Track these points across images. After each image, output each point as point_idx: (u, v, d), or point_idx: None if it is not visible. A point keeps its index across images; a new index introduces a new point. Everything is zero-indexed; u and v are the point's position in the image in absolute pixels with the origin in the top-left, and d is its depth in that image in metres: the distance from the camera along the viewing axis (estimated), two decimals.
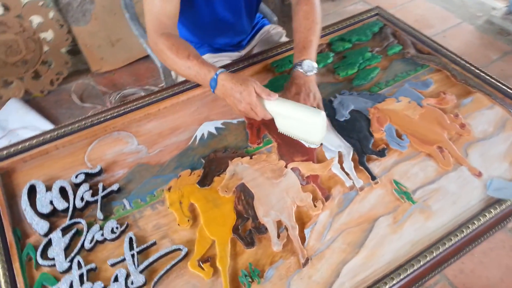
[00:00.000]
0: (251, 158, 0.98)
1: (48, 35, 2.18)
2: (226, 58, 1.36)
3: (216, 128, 1.07)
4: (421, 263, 0.80)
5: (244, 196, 0.91)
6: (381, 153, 1.00)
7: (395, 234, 0.85)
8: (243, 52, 1.42)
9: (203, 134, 1.06)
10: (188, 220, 0.87)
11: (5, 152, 0.98)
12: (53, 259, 0.80)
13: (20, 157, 0.98)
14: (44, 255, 0.81)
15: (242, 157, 0.98)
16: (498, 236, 1.66)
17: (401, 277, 0.79)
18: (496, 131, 1.05)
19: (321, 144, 1.02)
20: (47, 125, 1.99)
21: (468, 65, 1.20)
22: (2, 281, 0.76)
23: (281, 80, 1.18)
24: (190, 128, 1.06)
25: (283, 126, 0.99)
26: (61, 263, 0.80)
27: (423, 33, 1.33)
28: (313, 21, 1.09)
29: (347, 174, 0.96)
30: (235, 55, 1.40)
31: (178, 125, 1.07)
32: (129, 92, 2.23)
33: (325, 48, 1.31)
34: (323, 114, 0.91)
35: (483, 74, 1.17)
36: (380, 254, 0.82)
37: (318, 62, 1.24)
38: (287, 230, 0.85)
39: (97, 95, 2.23)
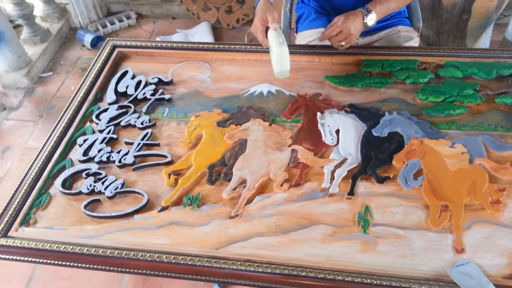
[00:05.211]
0: (270, 125, 1.08)
1: None
2: None
3: (269, 92, 1.19)
4: (310, 275, 0.81)
5: (238, 148, 1.04)
6: (380, 180, 0.96)
7: (322, 243, 0.86)
8: (359, 40, 1.41)
9: (255, 91, 1.20)
10: (189, 143, 1.06)
11: (128, 43, 1.34)
12: (100, 120, 1.13)
13: (136, 51, 1.34)
14: (98, 115, 1.15)
15: (265, 121, 1.09)
16: None
17: (277, 272, 0.82)
18: None
19: (337, 143, 1.03)
20: None
21: None
22: (67, 118, 1.13)
23: (357, 78, 1.18)
24: (251, 82, 1.22)
25: (270, 54, 1.09)
26: (102, 125, 1.12)
27: None
28: None
29: (332, 177, 0.97)
30: None
31: (245, 76, 1.24)
32: None
33: (431, 67, 1.21)
34: (284, 49, 1.01)
35: None
36: (294, 248, 0.86)
37: (409, 76, 1.19)
38: (243, 188, 0.96)
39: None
